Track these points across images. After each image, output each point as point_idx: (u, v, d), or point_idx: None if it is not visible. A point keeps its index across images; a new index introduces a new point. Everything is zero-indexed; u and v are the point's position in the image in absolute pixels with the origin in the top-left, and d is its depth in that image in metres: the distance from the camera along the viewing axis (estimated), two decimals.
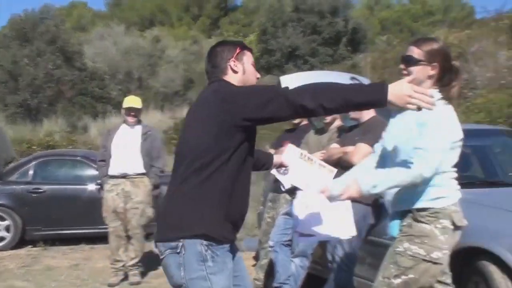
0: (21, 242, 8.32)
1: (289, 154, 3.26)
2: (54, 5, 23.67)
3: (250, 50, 2.72)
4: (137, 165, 5.94)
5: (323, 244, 4.46)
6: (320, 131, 4.91)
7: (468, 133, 5.37)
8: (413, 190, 2.82)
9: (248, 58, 2.67)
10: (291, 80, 5.24)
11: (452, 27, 16.29)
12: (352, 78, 6.61)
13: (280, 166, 3.23)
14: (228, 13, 36.67)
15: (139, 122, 6.14)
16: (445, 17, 29.26)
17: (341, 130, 4.71)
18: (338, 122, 4.84)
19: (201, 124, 2.42)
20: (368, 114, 4.36)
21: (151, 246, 7.86)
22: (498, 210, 3.61)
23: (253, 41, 27.17)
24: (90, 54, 23.82)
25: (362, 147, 4.09)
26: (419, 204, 2.83)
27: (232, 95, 2.39)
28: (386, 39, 20.68)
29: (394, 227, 2.90)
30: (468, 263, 3.58)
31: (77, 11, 41.15)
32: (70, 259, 7.44)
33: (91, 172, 8.38)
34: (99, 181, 6.27)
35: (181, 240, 2.36)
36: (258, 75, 2.73)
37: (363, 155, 3.92)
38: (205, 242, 2.35)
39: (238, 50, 2.64)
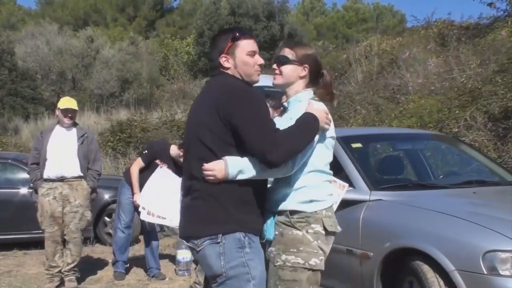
0: None
1: None
2: None
3: (247, 37, 2.73)
4: (74, 168, 5.82)
5: None
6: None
7: (401, 137, 5.66)
8: (287, 190, 2.76)
9: (243, 49, 2.69)
10: None
11: (384, 34, 16.81)
12: None
13: None
14: (164, 15, 36.36)
15: (74, 124, 6.03)
16: (378, 25, 30.15)
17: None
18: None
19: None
20: None
21: (87, 250, 7.73)
22: (430, 212, 3.77)
23: (190, 43, 27.06)
24: (20, 54, 23.00)
25: None
26: (291, 206, 2.76)
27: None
28: (322, 45, 21.06)
29: (270, 229, 2.77)
30: (402, 263, 3.72)
31: (6, 9, 39.63)
32: (2, 266, 7.18)
33: (23, 175, 8.10)
34: (31, 184, 6.08)
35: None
36: (260, 61, 2.74)
37: None
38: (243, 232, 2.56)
39: (229, 44, 2.68)
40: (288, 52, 2.91)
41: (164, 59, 25.68)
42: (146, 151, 6.30)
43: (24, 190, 8.11)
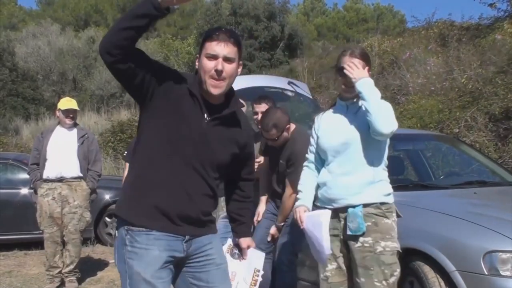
0: None
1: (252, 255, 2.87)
2: None
3: (210, 40, 2.38)
4: (74, 169, 5.82)
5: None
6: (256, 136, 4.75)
7: (401, 138, 5.66)
8: (368, 184, 3.10)
9: (204, 51, 2.39)
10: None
11: (385, 35, 16.82)
12: (290, 83, 6.74)
13: (239, 249, 2.84)
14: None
15: (75, 124, 6.03)
16: (378, 25, 30.16)
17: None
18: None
19: None
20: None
21: (88, 251, 7.73)
22: (431, 212, 3.77)
23: (191, 43, 27.08)
24: (21, 54, 23.01)
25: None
26: (380, 199, 3.12)
27: None
28: (322, 45, 21.09)
29: (361, 221, 3.05)
30: (403, 263, 3.72)
31: (6, 9, 39.68)
32: (2, 266, 7.19)
33: (24, 175, 8.10)
34: (32, 185, 6.08)
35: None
36: (219, 67, 2.35)
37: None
38: (125, 227, 2.40)
39: (201, 47, 2.42)
40: (360, 64, 3.13)
41: (165, 60, 25.69)
42: (126, 152, 6.34)
43: (24, 191, 8.11)
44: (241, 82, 5.87)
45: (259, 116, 4.68)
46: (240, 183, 2.78)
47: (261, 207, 4.64)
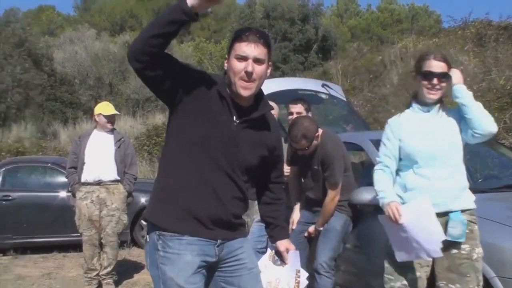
0: None
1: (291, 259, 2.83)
2: (21, 8, 23.24)
3: (240, 40, 2.34)
4: (111, 172, 5.91)
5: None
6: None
7: None
8: (462, 189, 3.16)
9: (233, 52, 2.36)
10: (265, 86, 5.29)
11: (420, 35, 16.60)
12: (324, 85, 6.72)
13: (279, 254, 2.80)
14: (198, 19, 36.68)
15: (112, 129, 6.12)
16: (413, 26, 29.78)
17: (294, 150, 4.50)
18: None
19: None
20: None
21: (124, 253, 7.83)
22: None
23: (224, 47, 27.21)
24: (59, 59, 23.50)
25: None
26: (472, 204, 3.16)
27: None
28: (357, 47, 20.93)
29: (464, 229, 3.06)
30: None
31: (45, 15, 40.64)
32: (41, 268, 7.35)
33: (62, 179, 8.25)
34: (70, 188, 6.19)
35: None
36: (249, 68, 2.32)
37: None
38: (157, 232, 2.40)
39: (230, 47, 2.40)
40: (446, 68, 3.14)
41: (199, 63, 25.89)
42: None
43: (63, 194, 8.27)
44: (275, 85, 5.88)
45: (294, 116, 4.70)
46: (270, 185, 2.76)
47: (295, 215, 4.64)
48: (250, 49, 2.32)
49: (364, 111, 10.98)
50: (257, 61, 2.34)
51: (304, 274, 2.81)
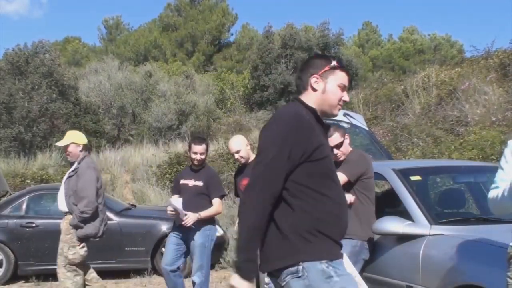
0: (13, 277, 8.22)
1: None
2: (49, 39, 23.72)
3: (344, 69, 2.66)
4: (61, 204, 5.73)
5: None
6: None
7: (462, 170, 5.50)
8: None
9: (336, 79, 2.62)
10: None
11: (442, 65, 16.57)
12: (345, 114, 6.71)
13: None
14: (221, 49, 37.12)
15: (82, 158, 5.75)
16: (435, 55, 29.74)
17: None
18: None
19: None
20: None
21: (145, 282, 7.81)
22: (495, 248, 3.63)
23: (246, 76, 27.47)
24: (84, 89, 23.92)
25: (338, 175, 4.27)
26: None
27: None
28: (379, 76, 20.94)
29: None
30: None
31: (71, 46, 41.55)
32: None
33: None
34: None
35: (301, 263, 2.44)
36: (345, 98, 2.65)
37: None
38: (324, 261, 2.45)
39: (326, 68, 2.62)
40: None
41: (221, 93, 26.11)
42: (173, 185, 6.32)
43: None
44: None
45: None
46: None
47: None
48: (347, 81, 2.66)
49: (386, 141, 10.93)
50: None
51: None
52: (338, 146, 4.54)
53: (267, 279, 4.82)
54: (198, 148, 5.68)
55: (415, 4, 72.31)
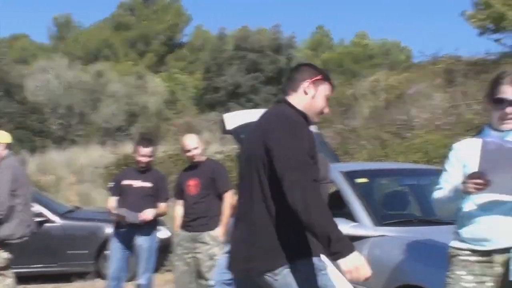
0: None
1: None
2: None
3: (331, 84, 2.82)
4: None
5: None
6: None
7: (406, 173, 5.58)
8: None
9: (324, 89, 2.76)
10: (234, 118, 5.26)
11: (392, 70, 16.88)
12: None
13: None
14: (174, 50, 36.81)
15: None
16: (385, 60, 30.35)
17: None
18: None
19: None
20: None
21: (87, 285, 7.61)
22: (436, 248, 3.67)
23: (198, 78, 27.34)
24: (31, 87, 23.28)
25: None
26: None
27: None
28: None
29: None
30: None
31: (19, 44, 40.34)
32: None
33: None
34: None
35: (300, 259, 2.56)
36: (326, 110, 2.78)
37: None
38: (318, 256, 2.60)
39: (319, 77, 2.76)
40: None
41: (172, 93, 25.89)
42: (113, 184, 6.05)
43: None
44: (243, 117, 5.83)
45: None
46: None
47: None
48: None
49: (334, 143, 11.04)
50: None
51: None
52: None
53: (212, 282, 4.75)
54: (145, 150, 5.56)
55: (367, 10, 73.81)
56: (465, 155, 2.91)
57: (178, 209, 5.43)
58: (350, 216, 4.32)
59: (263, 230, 2.54)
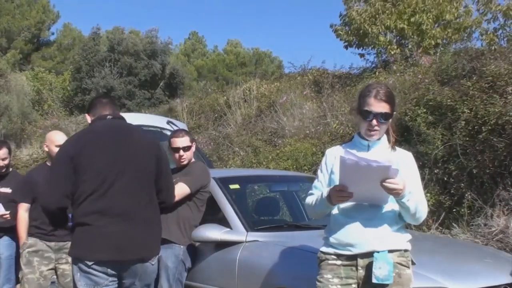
0: None
1: None
2: None
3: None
4: None
5: None
6: None
7: (277, 179, 5.79)
8: (393, 227, 2.89)
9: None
10: None
11: (263, 78, 17.33)
12: (169, 122, 6.71)
13: None
14: (41, 48, 34.88)
15: None
16: (256, 69, 31.09)
17: None
18: None
19: None
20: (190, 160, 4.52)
21: None
22: (303, 252, 3.84)
23: (66, 78, 26.18)
24: None
25: (180, 185, 4.20)
26: (405, 245, 2.90)
27: None
28: (203, 86, 21.29)
29: (391, 270, 2.76)
30: None
31: None
32: None
33: None
34: None
35: None
36: None
37: (180, 193, 4.14)
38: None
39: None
40: (388, 109, 2.89)
41: (38, 93, 24.51)
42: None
43: None
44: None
45: None
46: None
47: None
48: None
49: (208, 149, 11.12)
50: None
51: None
52: (186, 149, 4.47)
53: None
54: None
55: (239, 20, 75.08)
56: (334, 162, 3.08)
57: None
58: (223, 222, 4.40)
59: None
